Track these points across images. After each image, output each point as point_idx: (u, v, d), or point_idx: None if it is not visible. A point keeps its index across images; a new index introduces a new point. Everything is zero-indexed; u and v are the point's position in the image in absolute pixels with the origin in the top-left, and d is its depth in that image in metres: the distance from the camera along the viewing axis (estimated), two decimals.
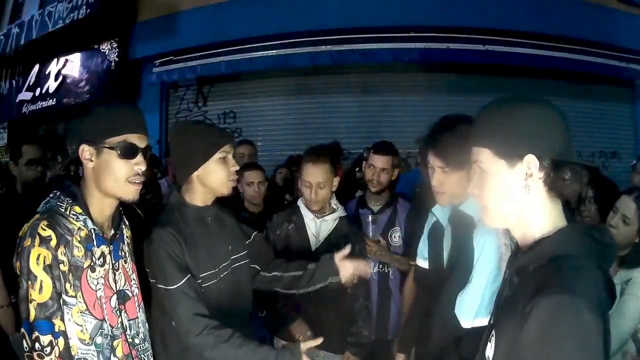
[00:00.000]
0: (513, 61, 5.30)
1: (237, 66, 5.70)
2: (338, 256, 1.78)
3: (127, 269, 1.37)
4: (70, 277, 1.17)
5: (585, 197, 2.28)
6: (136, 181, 1.26)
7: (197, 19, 6.00)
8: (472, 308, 1.38)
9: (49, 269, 1.12)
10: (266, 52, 5.57)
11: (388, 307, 2.46)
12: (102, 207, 1.28)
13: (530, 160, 0.86)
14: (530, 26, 5.35)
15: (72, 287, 1.17)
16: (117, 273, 1.31)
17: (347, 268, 1.77)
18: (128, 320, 1.33)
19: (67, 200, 1.23)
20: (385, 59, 5.36)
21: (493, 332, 0.88)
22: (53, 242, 1.13)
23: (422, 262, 1.78)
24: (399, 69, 5.77)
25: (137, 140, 1.26)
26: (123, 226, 1.40)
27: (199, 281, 1.55)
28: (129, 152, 1.24)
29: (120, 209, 1.39)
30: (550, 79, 5.80)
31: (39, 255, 1.12)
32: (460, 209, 1.52)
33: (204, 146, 1.57)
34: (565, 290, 0.73)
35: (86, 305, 1.20)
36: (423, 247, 1.78)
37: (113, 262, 1.29)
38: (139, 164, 1.26)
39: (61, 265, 1.15)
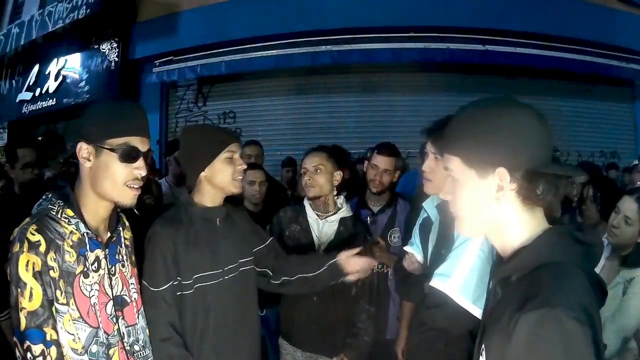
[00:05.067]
0: (513, 61, 5.31)
1: (237, 66, 5.71)
2: (344, 255, 1.76)
3: (125, 274, 1.30)
4: (61, 283, 1.11)
5: (587, 196, 2.28)
6: (135, 186, 1.20)
7: (197, 19, 6.00)
8: (448, 270, 1.47)
9: (38, 275, 1.08)
10: (266, 52, 5.57)
11: (386, 308, 2.45)
12: (97, 209, 1.22)
13: (502, 173, 0.81)
14: (530, 26, 5.36)
15: (62, 295, 1.11)
16: (113, 278, 1.24)
17: (354, 266, 1.76)
18: (126, 327, 1.27)
19: (58, 203, 1.17)
20: (385, 59, 5.37)
21: (483, 346, 0.86)
22: (42, 248, 1.09)
23: (408, 248, 1.85)
24: (399, 69, 5.77)
25: (139, 143, 1.20)
26: (121, 228, 1.33)
27: (190, 281, 1.54)
28: (129, 155, 1.17)
29: (118, 210, 1.32)
30: (550, 79, 5.80)
31: (27, 261, 1.07)
32: None
33: (210, 146, 1.59)
34: (545, 303, 0.71)
35: (79, 312, 1.14)
36: (415, 237, 1.85)
37: (109, 266, 1.23)
38: (139, 169, 1.19)
39: (51, 272, 1.09)
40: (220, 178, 1.59)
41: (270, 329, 2.65)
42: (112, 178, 1.17)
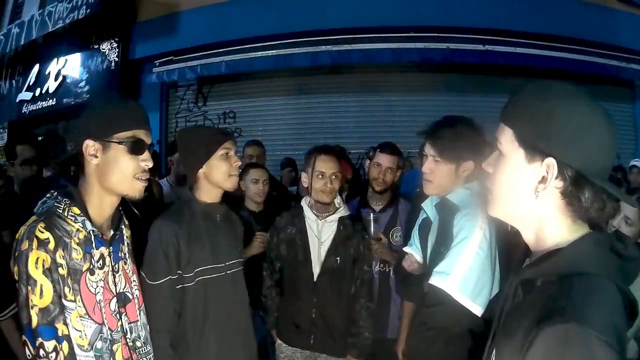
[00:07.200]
0: (513, 61, 5.30)
1: (237, 66, 5.71)
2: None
3: (128, 271, 1.34)
4: (69, 280, 1.13)
5: None
6: (143, 177, 1.25)
7: (197, 19, 6.00)
8: (447, 268, 1.49)
9: (48, 272, 1.09)
10: (266, 52, 5.57)
11: (388, 307, 2.45)
12: (102, 206, 1.25)
13: (551, 164, 0.74)
14: (530, 26, 5.35)
15: (70, 291, 1.13)
16: (117, 275, 1.28)
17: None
18: (128, 324, 1.30)
19: (64, 201, 1.18)
20: (385, 59, 5.36)
21: (494, 350, 0.80)
22: (51, 245, 1.10)
23: (408, 249, 1.88)
24: (399, 69, 5.77)
25: (144, 136, 1.25)
26: (123, 226, 1.37)
27: (191, 274, 1.60)
28: (137, 147, 1.22)
29: (120, 209, 1.36)
30: (550, 79, 5.78)
31: (37, 258, 1.08)
32: (448, 197, 1.64)
33: (207, 144, 1.67)
34: (573, 318, 0.63)
35: (85, 309, 1.16)
36: (414, 238, 1.88)
37: (113, 264, 1.27)
38: (145, 160, 1.24)
39: (60, 269, 1.11)
40: (217, 174, 1.67)
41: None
42: (121, 172, 1.21)
